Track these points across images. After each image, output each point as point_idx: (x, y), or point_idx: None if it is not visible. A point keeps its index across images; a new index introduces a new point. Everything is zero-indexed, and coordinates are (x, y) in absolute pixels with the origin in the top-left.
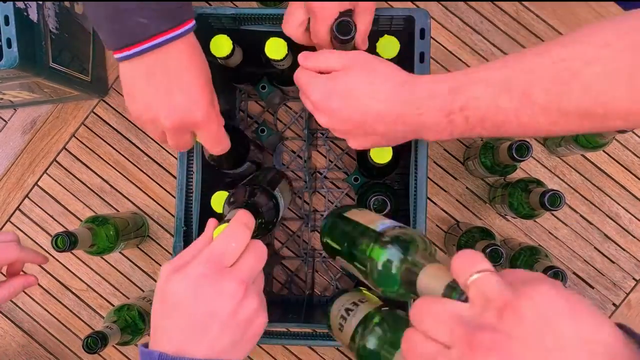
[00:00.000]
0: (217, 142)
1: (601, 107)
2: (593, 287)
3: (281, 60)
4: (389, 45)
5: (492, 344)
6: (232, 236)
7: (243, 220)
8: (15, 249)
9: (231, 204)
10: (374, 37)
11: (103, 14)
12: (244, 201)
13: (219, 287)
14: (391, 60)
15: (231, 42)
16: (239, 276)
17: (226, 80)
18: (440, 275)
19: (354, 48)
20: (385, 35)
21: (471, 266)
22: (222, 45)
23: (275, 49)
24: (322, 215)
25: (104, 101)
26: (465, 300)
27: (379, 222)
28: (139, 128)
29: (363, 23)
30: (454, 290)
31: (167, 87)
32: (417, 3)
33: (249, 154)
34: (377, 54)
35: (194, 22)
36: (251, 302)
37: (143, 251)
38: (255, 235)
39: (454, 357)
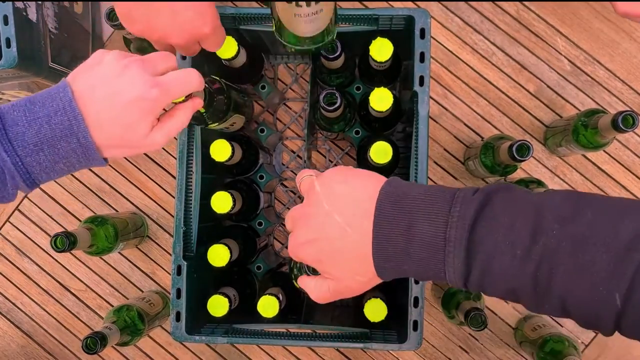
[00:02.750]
0: (220, 46)
1: None
2: None
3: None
4: (382, 47)
5: (299, 216)
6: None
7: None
8: (199, 79)
9: None
10: (373, 37)
11: None
12: None
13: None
14: (385, 62)
15: (236, 43)
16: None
17: (226, 80)
18: None
19: None
20: (378, 38)
21: (301, 175)
22: (227, 47)
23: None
24: None
25: None
26: None
27: None
28: None
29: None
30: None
31: (170, 5)
32: (418, 3)
33: (258, 159)
34: (370, 57)
35: None
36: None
37: (142, 251)
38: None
39: (292, 235)
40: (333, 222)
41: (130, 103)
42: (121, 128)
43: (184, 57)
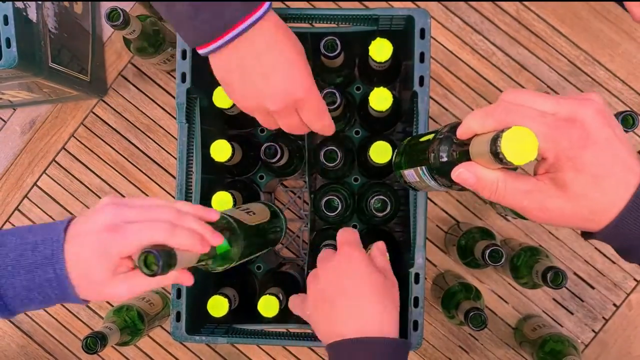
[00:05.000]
0: (320, 117)
1: None
2: (594, 288)
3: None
4: (382, 47)
5: (596, 114)
6: None
7: None
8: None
9: None
10: (373, 37)
11: (183, 13)
12: None
13: None
14: (385, 62)
15: None
16: None
17: None
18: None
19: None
20: (378, 38)
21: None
22: None
23: None
24: None
25: (103, 101)
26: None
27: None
28: (138, 128)
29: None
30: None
31: (262, 72)
32: (418, 3)
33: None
34: (370, 57)
35: (269, 2)
36: None
37: None
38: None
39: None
40: (618, 145)
41: (91, 242)
42: (84, 266)
43: (184, 57)
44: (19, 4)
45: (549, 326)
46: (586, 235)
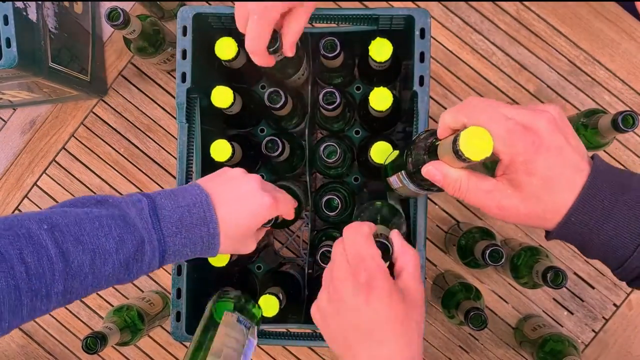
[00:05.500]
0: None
1: None
2: (594, 287)
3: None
4: (382, 47)
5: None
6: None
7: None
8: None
9: None
10: (373, 37)
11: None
12: None
13: None
14: (385, 62)
15: (236, 45)
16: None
17: (225, 79)
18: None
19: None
20: (378, 38)
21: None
22: (227, 48)
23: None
24: None
25: (103, 101)
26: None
27: None
28: (138, 128)
29: (294, 26)
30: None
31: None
32: (418, 3)
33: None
34: (370, 57)
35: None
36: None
37: None
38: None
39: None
40: (569, 151)
41: (250, 208)
42: (238, 225)
43: (184, 57)
44: (19, 4)
45: (549, 326)
46: (547, 235)
